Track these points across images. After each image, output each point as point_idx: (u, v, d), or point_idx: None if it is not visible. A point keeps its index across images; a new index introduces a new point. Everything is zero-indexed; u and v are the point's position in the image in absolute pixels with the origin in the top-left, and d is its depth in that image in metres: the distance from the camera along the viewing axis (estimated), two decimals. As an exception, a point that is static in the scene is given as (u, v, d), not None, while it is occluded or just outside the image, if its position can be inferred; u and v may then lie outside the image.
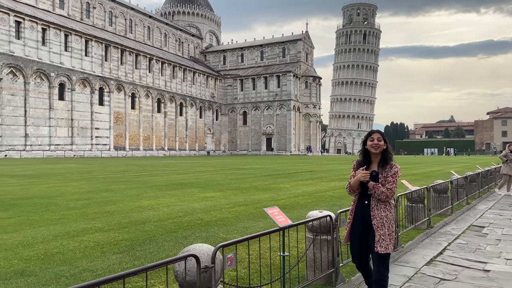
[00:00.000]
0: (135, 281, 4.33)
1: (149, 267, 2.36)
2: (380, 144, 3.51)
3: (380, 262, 3.53)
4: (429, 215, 7.82)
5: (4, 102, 46.56)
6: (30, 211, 8.97)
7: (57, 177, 18.58)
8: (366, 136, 3.63)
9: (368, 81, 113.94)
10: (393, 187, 3.48)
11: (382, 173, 3.50)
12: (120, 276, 2.17)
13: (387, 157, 3.55)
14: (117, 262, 5.10)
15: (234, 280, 4.06)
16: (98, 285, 2.07)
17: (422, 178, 19.16)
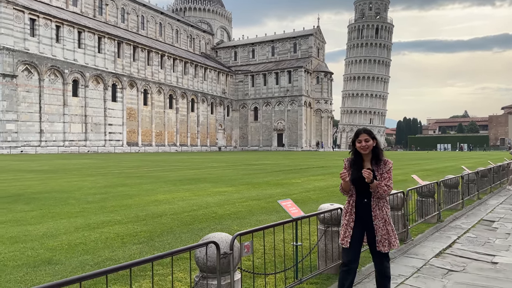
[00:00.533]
0: (155, 269, 4.57)
1: (175, 252, 2.58)
2: (368, 145, 3.46)
3: (382, 259, 3.53)
4: (439, 209, 7.94)
5: (19, 99, 47.45)
6: (50, 204, 9.32)
7: (73, 172, 19.03)
8: (353, 137, 3.58)
9: (381, 76, 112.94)
10: (390, 183, 3.45)
11: (377, 170, 3.45)
12: (149, 259, 2.40)
13: (378, 154, 3.51)
14: (138, 251, 5.37)
15: (250, 268, 4.28)
16: (130, 266, 2.29)
17: (434, 173, 19.16)
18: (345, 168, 3.58)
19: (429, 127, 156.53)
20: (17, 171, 19.68)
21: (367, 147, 3.47)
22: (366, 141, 3.47)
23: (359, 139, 3.49)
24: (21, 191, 11.61)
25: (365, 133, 3.50)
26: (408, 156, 48.49)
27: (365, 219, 3.49)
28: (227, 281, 3.02)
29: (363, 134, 3.50)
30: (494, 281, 4.70)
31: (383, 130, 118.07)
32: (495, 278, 4.82)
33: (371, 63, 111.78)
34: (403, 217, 6.32)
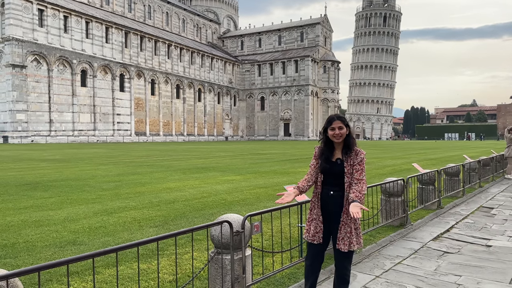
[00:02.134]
0: (173, 249, 4.98)
1: (194, 229, 2.96)
2: (342, 133, 3.20)
3: (343, 258, 3.28)
4: (440, 197, 8.27)
5: (29, 89, 48.11)
6: (67, 191, 9.78)
7: (85, 161, 19.55)
8: (326, 124, 3.31)
9: (388, 65, 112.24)
10: (362, 177, 3.19)
11: (347, 161, 3.20)
12: (174, 234, 2.78)
13: (350, 143, 3.24)
14: (155, 233, 5.78)
15: (259, 247, 4.67)
16: (157, 240, 2.68)
17: (438, 162, 19.40)
18: (314, 157, 3.37)
19: (437, 116, 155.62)
20: (31, 160, 20.24)
21: (340, 135, 3.21)
22: (340, 129, 3.21)
23: (332, 126, 3.23)
24: (38, 179, 12.11)
25: (338, 119, 3.24)
26: (414, 145, 48.59)
27: (332, 212, 3.24)
28: (239, 256, 3.40)
29: (337, 121, 3.23)
30: (486, 262, 5.05)
31: (391, 119, 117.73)
32: (487, 259, 5.17)
33: (379, 52, 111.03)
34: (403, 203, 6.66)
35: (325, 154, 3.30)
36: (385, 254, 5.34)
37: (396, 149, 36.55)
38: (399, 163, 19.97)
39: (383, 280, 4.40)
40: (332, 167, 3.23)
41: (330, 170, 3.24)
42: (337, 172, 3.22)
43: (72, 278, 4.07)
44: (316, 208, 3.33)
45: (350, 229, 3.19)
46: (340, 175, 3.21)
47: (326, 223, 3.29)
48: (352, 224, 3.19)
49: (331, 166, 3.24)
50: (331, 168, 3.24)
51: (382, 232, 6.28)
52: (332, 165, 3.24)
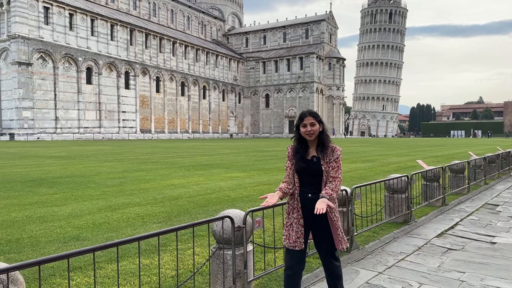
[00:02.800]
0: (175, 245, 4.99)
1: (196, 224, 2.96)
2: (314, 130, 3.02)
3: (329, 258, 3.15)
4: (444, 193, 8.22)
5: (35, 87, 48.37)
6: (72, 188, 9.83)
7: (90, 158, 19.65)
8: (297, 121, 3.13)
9: (394, 62, 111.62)
10: (338, 174, 3.02)
11: (323, 158, 3.02)
12: (175, 229, 2.78)
13: (324, 140, 3.06)
14: (158, 229, 5.79)
15: (262, 243, 4.67)
16: (158, 235, 2.68)
17: (444, 160, 19.29)
18: (288, 158, 3.18)
19: (443, 114, 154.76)
20: (37, 157, 20.37)
21: (313, 132, 3.03)
22: (312, 125, 3.02)
23: (304, 123, 3.05)
24: (43, 176, 12.18)
25: (310, 115, 3.05)
26: (419, 143, 48.36)
27: (311, 216, 3.05)
28: (241, 252, 3.40)
29: (308, 117, 3.04)
30: (490, 258, 5.02)
31: (396, 116, 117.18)
32: (491, 256, 5.13)
33: (384, 49, 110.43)
34: (407, 199, 6.63)
35: (299, 153, 3.09)
36: (389, 250, 5.32)
37: (401, 147, 36.39)
38: (404, 160, 19.88)
39: (386, 276, 4.38)
40: (309, 166, 3.04)
41: (306, 169, 3.05)
42: (314, 171, 3.02)
43: (75, 273, 4.09)
44: (295, 212, 3.10)
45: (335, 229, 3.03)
46: (318, 174, 3.02)
47: (307, 227, 3.09)
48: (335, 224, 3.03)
49: (307, 165, 3.05)
50: (307, 167, 3.05)
51: (385, 228, 6.25)
52: (308, 163, 3.05)
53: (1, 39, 48.54)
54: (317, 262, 4.63)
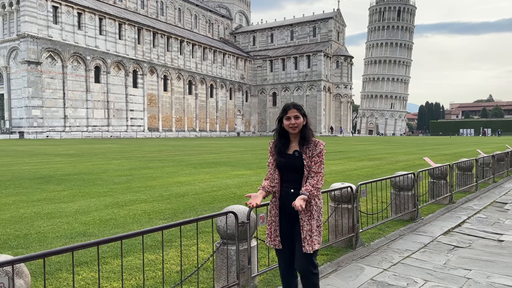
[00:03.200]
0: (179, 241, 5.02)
1: (200, 218, 2.98)
2: (298, 123, 2.91)
3: (307, 260, 2.92)
4: (452, 191, 8.16)
5: (44, 85, 48.79)
6: (80, 185, 9.92)
7: (98, 156, 19.80)
8: (280, 113, 3.01)
9: (402, 60, 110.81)
10: (320, 169, 2.90)
11: (306, 152, 2.90)
12: (178, 224, 2.81)
13: (306, 134, 2.95)
14: (163, 226, 5.83)
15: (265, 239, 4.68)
16: (162, 229, 2.70)
17: (452, 158, 19.13)
18: (270, 153, 3.06)
19: (452, 112, 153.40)
20: (45, 155, 20.57)
21: (297, 126, 2.92)
22: (296, 118, 2.91)
23: (288, 116, 2.93)
24: (52, 173, 12.30)
25: (294, 108, 2.94)
26: (428, 141, 48.01)
27: (292, 213, 2.92)
28: (245, 247, 3.42)
29: (292, 110, 2.93)
30: (497, 256, 4.98)
31: (405, 115, 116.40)
32: (499, 254, 5.09)
33: (393, 47, 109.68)
34: (413, 197, 6.59)
35: (279, 147, 2.97)
36: (394, 247, 5.30)
37: (409, 145, 36.16)
38: (412, 158, 19.76)
39: (390, 273, 4.37)
40: (289, 161, 2.92)
41: (287, 164, 2.92)
42: (296, 166, 2.90)
43: (81, 268, 4.13)
44: (275, 208, 3.00)
45: (311, 227, 2.87)
46: (300, 169, 2.89)
47: (290, 224, 2.96)
48: (313, 221, 2.88)
49: (287, 159, 2.93)
50: (287, 161, 2.92)
51: (391, 226, 6.23)
52: (288, 158, 2.93)
53: (10, 38, 49.01)
54: (321, 258, 4.63)
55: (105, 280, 3.83)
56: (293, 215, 2.94)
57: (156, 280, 3.84)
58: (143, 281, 2.83)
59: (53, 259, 4.39)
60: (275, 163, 2.99)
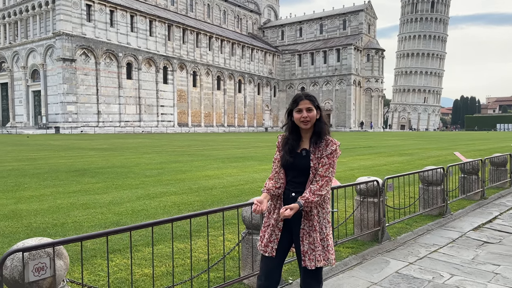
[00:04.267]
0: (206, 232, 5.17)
1: (225, 208, 3.10)
2: (311, 116, 2.55)
3: (309, 277, 2.62)
4: (483, 187, 7.97)
5: (78, 82, 50.42)
6: (113, 177, 10.29)
7: (130, 150, 20.38)
8: (291, 105, 2.64)
9: (436, 52, 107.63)
10: (328, 173, 2.50)
11: (314, 152, 2.54)
12: (205, 212, 2.93)
13: (320, 130, 2.57)
14: (192, 217, 6.02)
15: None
16: (190, 217, 2.83)
17: (486, 153, 18.52)
18: (278, 149, 2.70)
19: (488, 106, 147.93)
20: (80, 149, 21.35)
21: (309, 120, 2.55)
22: (308, 111, 2.56)
23: (299, 108, 2.57)
24: (86, 166, 12.80)
25: (307, 99, 2.59)
26: (462, 136, 46.58)
27: (291, 220, 2.57)
28: (269, 237, 3.51)
29: (305, 101, 2.58)
30: (529, 253, 4.86)
31: (438, 109, 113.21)
32: (530, 250, 4.97)
33: (426, 39, 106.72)
34: (442, 192, 6.50)
35: (289, 144, 2.61)
36: (421, 242, 5.27)
37: (443, 140, 35.22)
38: (444, 154, 19.29)
39: (416, 267, 4.36)
40: (295, 161, 2.56)
41: (292, 164, 2.57)
42: (301, 167, 2.55)
43: (114, 255, 4.35)
44: (276, 212, 2.63)
45: (313, 240, 2.52)
46: (305, 170, 2.54)
47: (287, 233, 2.62)
48: (315, 234, 2.52)
49: (294, 159, 2.57)
50: (294, 161, 2.56)
51: (419, 221, 6.18)
52: (295, 157, 2.57)
53: (47, 36, 50.88)
54: (347, 251, 4.67)
55: (137, 267, 4.02)
56: (293, 223, 2.58)
57: (184, 268, 4.00)
58: (172, 268, 2.97)
59: (88, 246, 4.64)
60: (281, 161, 2.63)
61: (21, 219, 5.98)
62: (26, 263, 2.20)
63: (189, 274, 3.81)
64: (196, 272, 3.80)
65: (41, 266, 2.25)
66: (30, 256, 2.24)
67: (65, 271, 2.40)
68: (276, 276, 2.66)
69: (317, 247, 2.51)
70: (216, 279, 3.71)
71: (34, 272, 2.22)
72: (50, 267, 2.28)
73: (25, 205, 6.96)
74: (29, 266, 2.20)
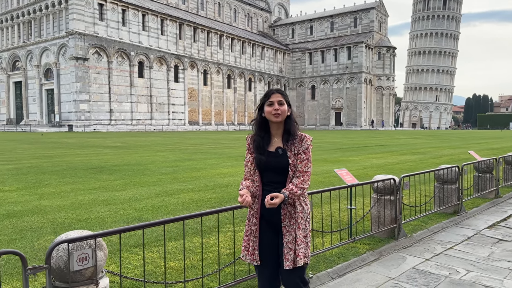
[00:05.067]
0: (226, 228, 5.32)
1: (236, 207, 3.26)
2: (282, 110, 2.49)
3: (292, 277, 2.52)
4: (498, 186, 8.00)
5: (91, 80, 51.03)
6: (130, 175, 10.51)
7: (144, 148, 20.66)
8: (262, 99, 2.57)
9: (448, 50, 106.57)
10: (307, 168, 2.48)
11: (291, 149, 2.49)
12: (231, 208, 3.07)
13: (290, 127, 2.53)
14: (211, 214, 6.18)
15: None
16: (217, 212, 2.98)
17: (500, 152, 18.40)
18: (248, 150, 2.62)
19: (501, 104, 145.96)
20: (94, 147, 21.70)
21: (280, 113, 2.48)
22: (280, 104, 2.49)
23: (271, 101, 2.50)
24: (103, 164, 13.06)
25: (278, 93, 2.53)
26: (475, 135, 46.15)
27: (276, 222, 2.51)
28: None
29: (276, 94, 2.52)
30: (544, 250, 4.92)
31: (450, 107, 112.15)
32: (546, 248, 5.03)
33: (438, 37, 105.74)
34: (457, 190, 6.56)
35: (257, 141, 2.53)
36: (437, 239, 5.36)
37: (455, 139, 34.97)
38: (457, 152, 19.22)
39: (433, 263, 4.46)
40: (272, 160, 2.48)
41: (269, 164, 2.48)
42: (280, 166, 2.48)
43: (139, 249, 4.52)
44: (253, 217, 2.54)
45: (295, 238, 2.46)
46: (284, 169, 2.47)
47: (274, 235, 2.54)
48: (296, 232, 2.46)
49: (270, 158, 2.49)
50: (271, 161, 2.48)
51: (434, 218, 6.25)
52: (270, 156, 2.49)
53: (60, 35, 51.58)
54: (364, 247, 4.78)
55: (163, 260, 4.18)
56: (277, 225, 2.51)
57: (208, 261, 4.16)
58: (202, 259, 3.12)
59: (114, 240, 4.81)
60: (254, 162, 2.54)
61: (46, 215, 6.19)
62: (71, 253, 2.37)
63: (212, 267, 3.96)
64: (221, 265, 3.95)
65: (84, 256, 2.41)
66: (74, 247, 2.40)
67: (104, 261, 2.56)
68: (276, 282, 2.61)
69: (299, 245, 2.45)
70: (238, 273, 3.85)
71: (78, 262, 2.39)
72: (92, 258, 2.44)
73: (48, 201, 7.19)
74: (73, 256, 2.37)
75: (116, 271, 3.90)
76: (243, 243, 2.61)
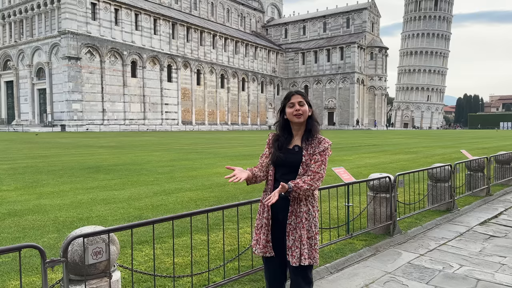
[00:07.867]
0: (226, 225, 5.44)
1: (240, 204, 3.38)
2: (303, 110, 2.57)
3: (296, 275, 2.60)
4: (489, 184, 8.21)
5: (83, 80, 50.77)
6: (127, 174, 10.58)
7: (139, 148, 20.68)
8: (283, 101, 2.66)
9: (439, 51, 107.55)
10: (320, 170, 2.51)
11: (307, 149, 2.56)
12: (235, 205, 3.20)
13: (312, 127, 2.61)
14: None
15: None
16: (222, 208, 3.10)
17: (491, 151, 18.73)
18: (267, 145, 2.71)
19: (492, 104, 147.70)
20: (89, 147, 21.68)
21: (301, 113, 2.57)
22: (301, 105, 2.58)
23: (292, 102, 2.60)
24: (99, 163, 13.10)
25: (298, 94, 2.62)
26: (466, 135, 46.71)
27: (282, 217, 2.59)
28: (292, 228, 3.78)
29: (296, 95, 2.61)
30: (533, 246, 5.11)
31: (442, 107, 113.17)
32: (535, 243, 5.22)
33: (429, 37, 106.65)
34: (450, 188, 6.75)
35: (280, 141, 2.63)
36: (430, 236, 5.53)
37: (446, 138, 35.40)
38: (449, 152, 19.51)
39: (427, 258, 4.62)
40: (287, 156, 2.57)
41: (284, 160, 2.57)
42: (292, 162, 2.55)
43: (143, 246, 4.63)
44: (266, 212, 2.61)
45: (300, 237, 2.51)
46: (296, 166, 2.55)
47: (280, 232, 2.59)
48: (301, 231, 2.52)
49: (285, 154, 2.58)
50: (286, 157, 2.57)
51: (428, 216, 6.43)
52: (287, 153, 2.58)
53: (52, 35, 51.25)
54: (361, 243, 4.93)
55: (166, 256, 4.30)
56: (284, 221, 2.57)
57: (211, 257, 4.26)
58: (208, 255, 3.24)
59: (119, 237, 4.91)
60: (270, 157, 2.64)
61: (47, 213, 6.27)
62: (86, 247, 2.47)
63: (215, 263, 4.08)
64: (222, 262, 4.07)
65: (98, 250, 2.52)
66: (89, 242, 2.51)
67: (117, 255, 2.67)
68: (282, 276, 2.70)
69: (304, 245, 2.51)
70: (241, 268, 3.98)
71: (93, 255, 2.49)
72: (106, 252, 2.55)
73: (47, 200, 7.25)
74: (88, 250, 2.47)
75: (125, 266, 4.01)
76: (254, 236, 2.67)
